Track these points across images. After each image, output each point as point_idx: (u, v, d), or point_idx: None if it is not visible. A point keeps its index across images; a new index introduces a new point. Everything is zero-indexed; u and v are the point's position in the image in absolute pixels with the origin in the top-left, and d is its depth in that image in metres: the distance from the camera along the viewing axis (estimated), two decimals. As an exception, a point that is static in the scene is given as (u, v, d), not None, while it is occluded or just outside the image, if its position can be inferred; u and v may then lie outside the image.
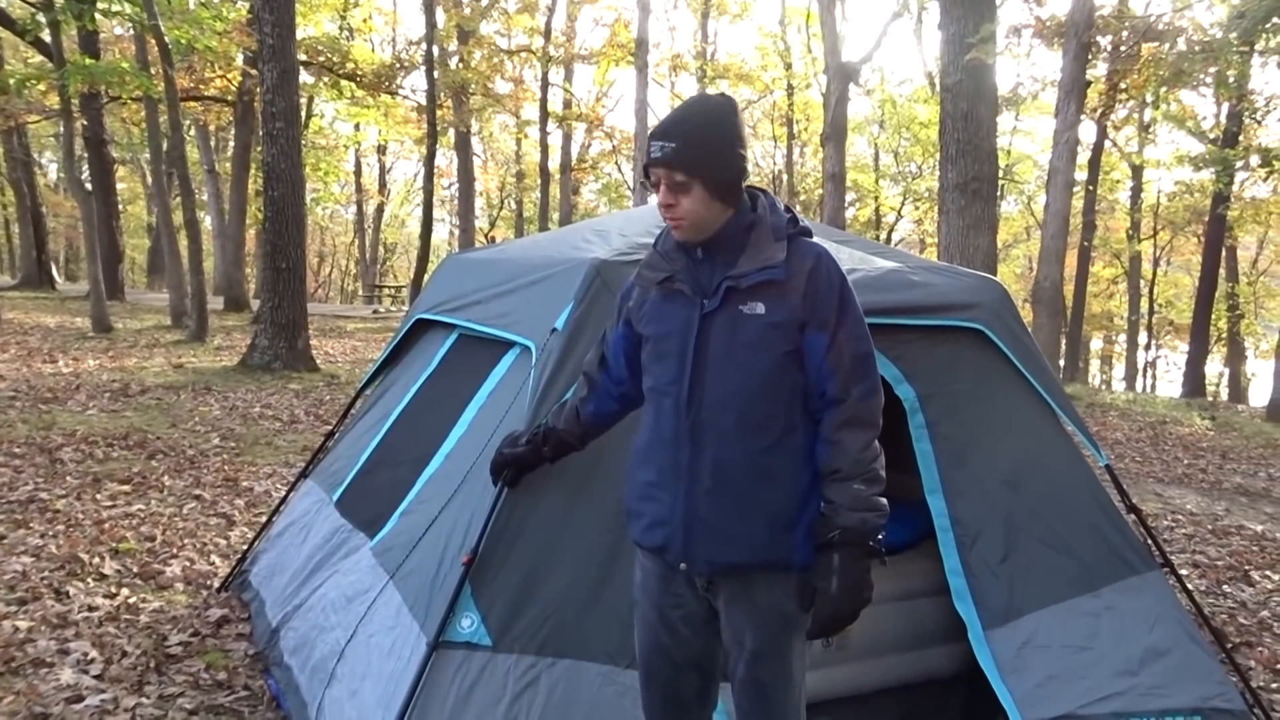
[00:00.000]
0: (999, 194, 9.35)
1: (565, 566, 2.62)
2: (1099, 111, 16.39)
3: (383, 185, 39.67)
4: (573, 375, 2.61)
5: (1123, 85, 14.54)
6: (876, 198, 32.35)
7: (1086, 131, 18.28)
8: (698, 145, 1.95)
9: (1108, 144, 22.13)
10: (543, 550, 2.62)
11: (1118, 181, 26.57)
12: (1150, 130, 22.92)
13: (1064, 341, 17.96)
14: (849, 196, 27.64)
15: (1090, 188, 20.60)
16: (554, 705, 2.51)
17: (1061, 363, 18.13)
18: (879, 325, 3.02)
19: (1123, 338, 31.88)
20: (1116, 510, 3.39)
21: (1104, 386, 29.43)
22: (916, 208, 32.03)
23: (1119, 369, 34.01)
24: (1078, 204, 18.74)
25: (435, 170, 22.01)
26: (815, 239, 2.10)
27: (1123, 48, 13.15)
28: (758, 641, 2.03)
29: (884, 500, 1.99)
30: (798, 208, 30.77)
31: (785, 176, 32.58)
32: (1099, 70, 15.34)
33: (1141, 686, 3.03)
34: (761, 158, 36.66)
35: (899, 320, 3.09)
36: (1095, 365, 35.13)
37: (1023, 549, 3.12)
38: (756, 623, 2.03)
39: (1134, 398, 16.84)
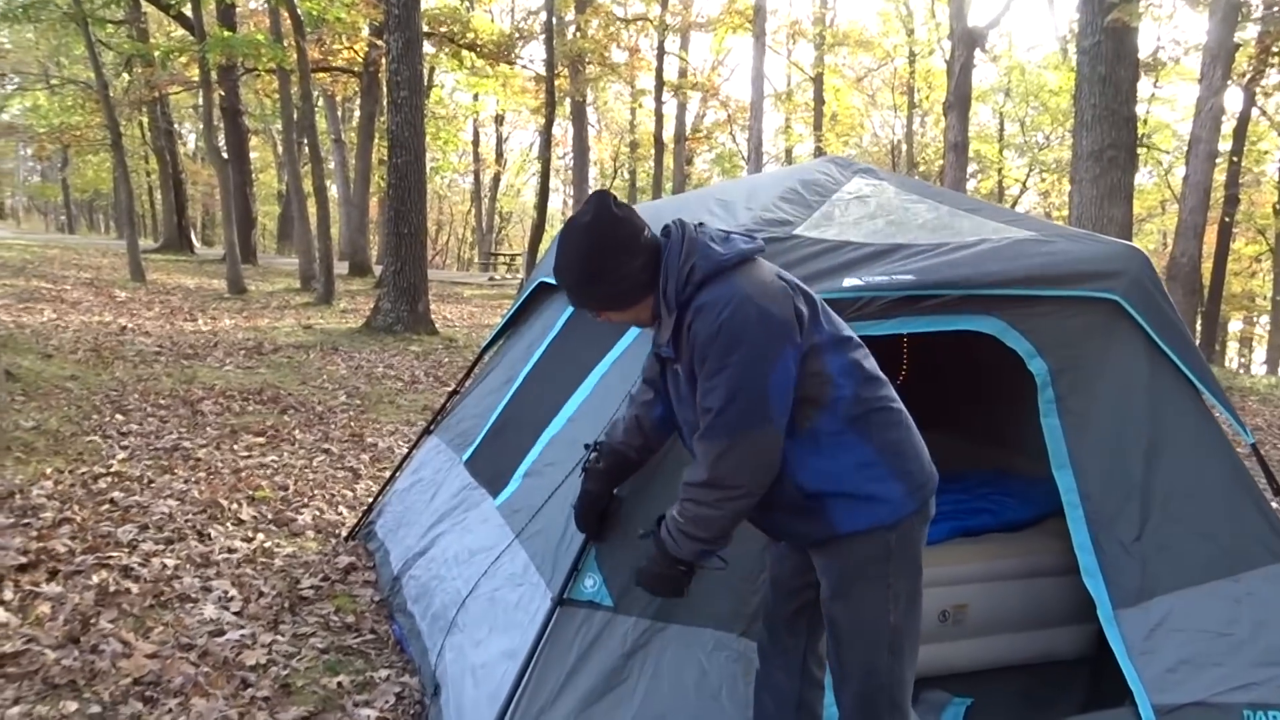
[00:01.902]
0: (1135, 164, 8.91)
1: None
2: (1247, 77, 15.40)
3: (499, 155, 40.30)
4: None
5: (1275, 48, 13.60)
6: (1000, 169, 31.21)
7: (1232, 99, 17.18)
8: (583, 289, 2.13)
9: (1255, 112, 20.76)
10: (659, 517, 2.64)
11: (1265, 152, 24.88)
12: (1305, 97, 21.37)
13: (1200, 321, 17.04)
14: (971, 167, 26.78)
15: (1234, 159, 19.38)
16: (666, 665, 2.56)
17: (1197, 343, 17.23)
18: (1008, 296, 2.95)
19: (1265, 319, 30.02)
20: (1261, 493, 3.22)
21: (1242, 370, 27.84)
22: (1043, 179, 30.78)
23: (1260, 352, 32.09)
24: (1220, 176, 17.66)
25: (551, 139, 22.23)
26: (730, 275, 2.01)
27: (1276, 8, 12.30)
28: (829, 584, 2.16)
29: (672, 541, 2.10)
30: (916, 177, 29.94)
31: (905, 146, 31.77)
32: (1249, 33, 14.39)
33: (1284, 678, 2.89)
34: (880, 127, 35.81)
35: (1030, 291, 2.98)
36: (1233, 348, 33.25)
37: (1157, 528, 3.00)
38: (827, 568, 2.17)
39: (1276, 382, 15.87)
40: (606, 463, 2.46)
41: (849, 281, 2.77)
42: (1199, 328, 16.54)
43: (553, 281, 4.05)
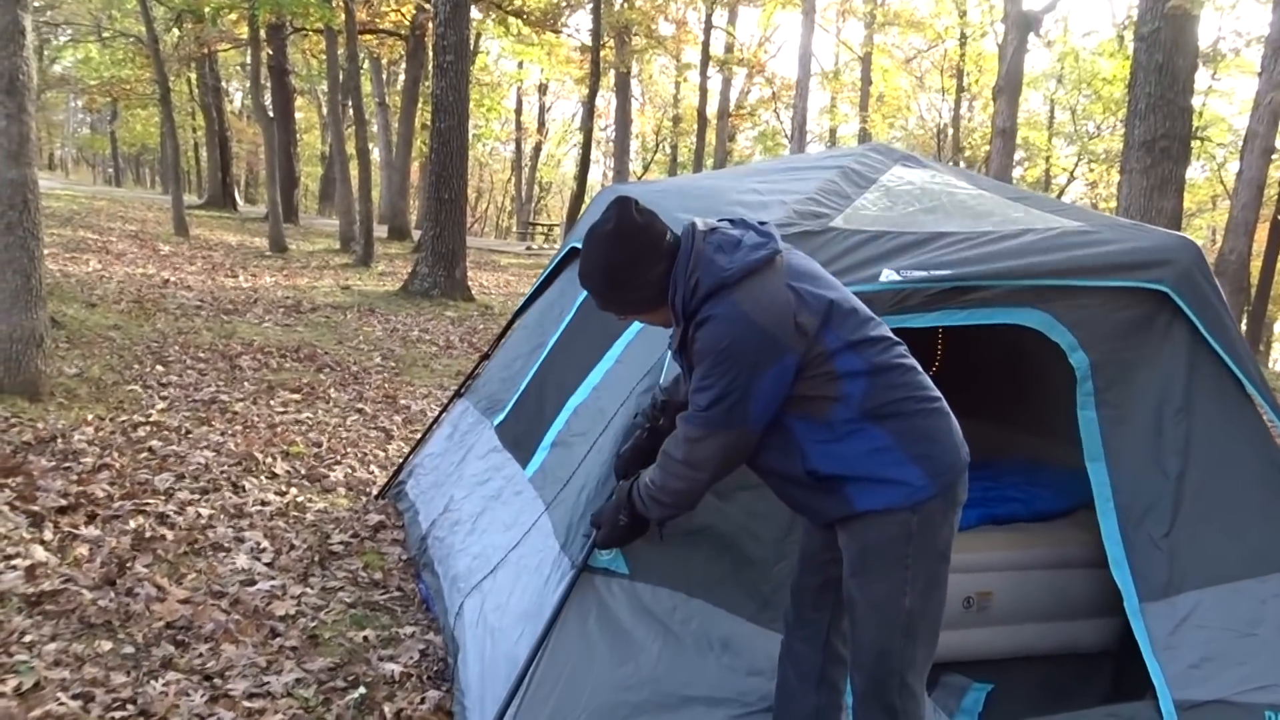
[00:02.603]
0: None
1: (709, 514, 2.64)
2: (1311, 72, 14.98)
3: (541, 124, 40.25)
4: None
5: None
6: (1048, 157, 30.68)
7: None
8: (606, 296, 2.23)
9: (1317, 109, 20.20)
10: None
11: (1325, 151, 24.26)
12: (1369, 95, 20.75)
13: (1246, 320, 16.72)
14: (1018, 154, 26.34)
15: (1292, 155, 18.95)
16: (689, 633, 2.58)
17: (1241, 343, 16.86)
18: (1053, 288, 2.90)
19: (1313, 321, 29.33)
20: (1298, 494, 3.16)
21: (1287, 372, 27.28)
22: (1091, 169, 30.22)
23: (1306, 355, 31.41)
24: (1275, 173, 17.27)
25: (594, 110, 22.16)
26: (732, 291, 2.05)
27: (1346, 1, 11.93)
28: (849, 561, 2.20)
29: (642, 503, 2.28)
30: (961, 164, 29.56)
31: (951, 131, 31.30)
32: (1315, 26, 13.97)
33: (1309, 682, 2.86)
34: (926, 110, 35.31)
35: (1076, 282, 2.94)
36: (1279, 349, 32.56)
37: (1187, 524, 2.96)
38: (848, 546, 2.20)
39: (1321, 386, 15.56)
40: (668, 421, 2.48)
41: (886, 275, 2.74)
42: (1245, 326, 16.23)
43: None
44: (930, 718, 2.64)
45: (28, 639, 2.97)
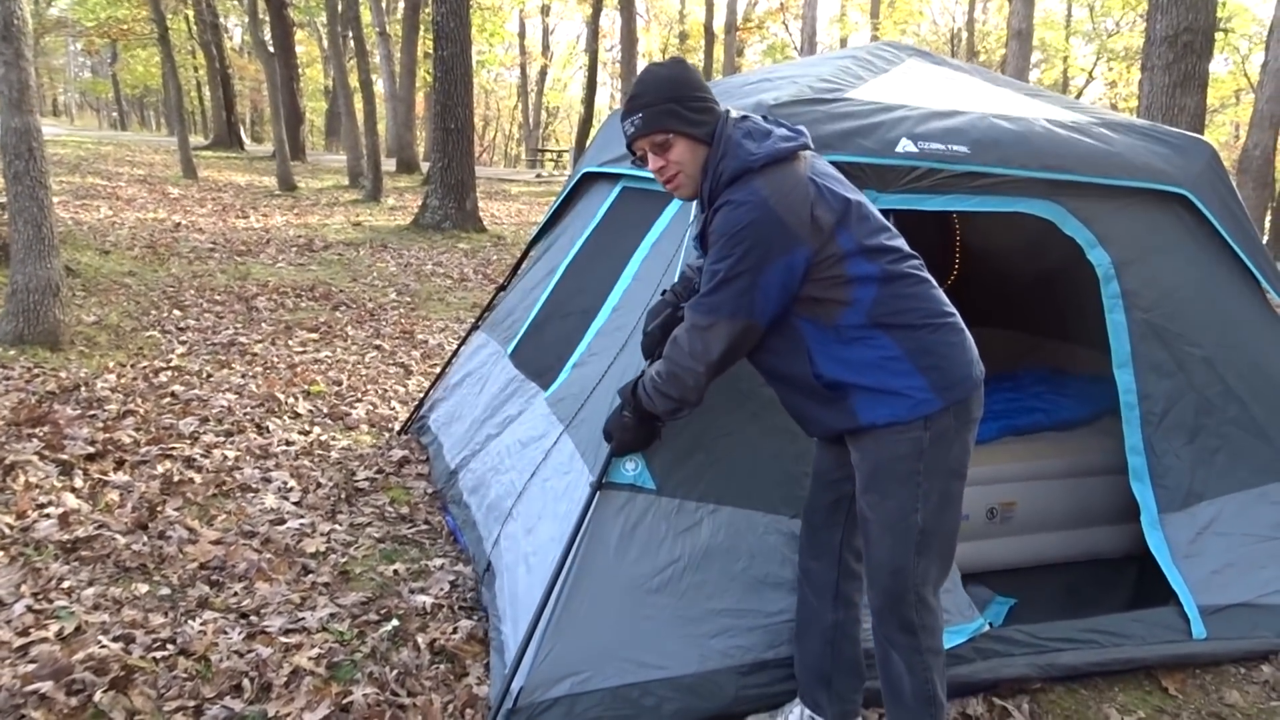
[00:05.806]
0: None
1: (731, 419, 2.64)
2: (1339, -45, 14.42)
3: (546, 47, 39.49)
4: None
5: (1373, -78, 12.67)
6: (1065, 58, 29.88)
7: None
8: (660, 102, 2.12)
9: (1346, -7, 19.51)
10: (709, 402, 2.64)
11: (1353, 37, 23.50)
12: (1401, -24, 19.99)
13: (1270, 216, 16.41)
14: (1035, 56, 25.66)
15: (1320, 44, 18.34)
16: (716, 546, 2.58)
17: (1265, 239, 16.58)
18: (1070, 183, 2.84)
19: (1340, 215, 28.81)
20: (1323, 396, 3.13)
21: (1312, 268, 26.89)
22: (1110, 69, 29.43)
23: (1332, 250, 30.94)
24: (1302, 63, 16.74)
25: (598, 30, 21.66)
26: (754, 176, 2.03)
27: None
28: (861, 478, 2.19)
29: (648, 397, 2.28)
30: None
31: (965, 35, 30.49)
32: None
33: (1331, 581, 2.87)
34: (939, 14, 34.36)
35: (1092, 179, 2.87)
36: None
37: (1212, 430, 2.95)
38: (860, 462, 2.19)
39: (1347, 281, 15.30)
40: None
41: (903, 145, 2.67)
42: (1268, 223, 15.95)
43: (597, 170, 3.98)
44: (964, 612, 2.67)
45: (66, 585, 3.03)
